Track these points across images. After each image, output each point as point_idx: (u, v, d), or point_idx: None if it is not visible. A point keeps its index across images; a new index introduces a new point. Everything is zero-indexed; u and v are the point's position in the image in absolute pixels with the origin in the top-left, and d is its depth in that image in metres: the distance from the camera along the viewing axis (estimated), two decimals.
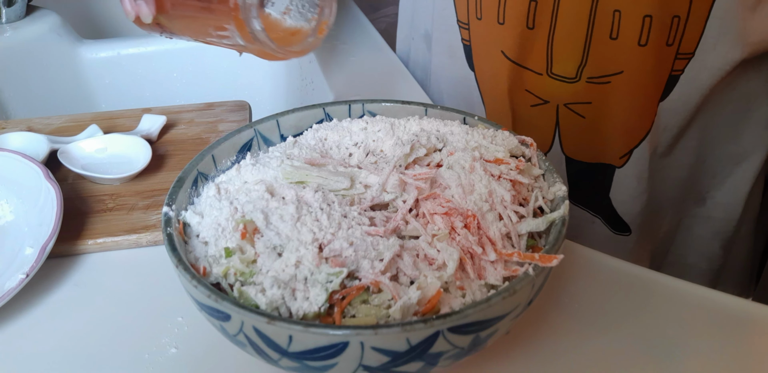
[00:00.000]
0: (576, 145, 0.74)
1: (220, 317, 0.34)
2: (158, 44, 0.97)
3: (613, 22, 0.61)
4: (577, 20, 0.63)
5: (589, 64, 0.65)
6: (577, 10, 0.62)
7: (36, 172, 0.54)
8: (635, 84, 0.65)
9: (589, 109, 0.69)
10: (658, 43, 0.62)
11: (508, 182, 0.41)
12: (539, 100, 0.71)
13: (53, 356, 0.44)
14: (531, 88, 0.70)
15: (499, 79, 0.72)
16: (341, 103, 0.50)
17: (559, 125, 0.72)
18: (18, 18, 0.90)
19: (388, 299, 0.35)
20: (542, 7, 0.64)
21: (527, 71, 0.69)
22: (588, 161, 0.74)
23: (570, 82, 0.67)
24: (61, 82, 0.94)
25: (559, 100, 0.70)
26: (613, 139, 0.70)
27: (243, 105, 0.73)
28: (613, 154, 0.72)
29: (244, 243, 0.37)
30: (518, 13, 0.65)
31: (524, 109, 0.73)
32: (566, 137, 0.73)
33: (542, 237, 0.40)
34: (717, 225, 0.77)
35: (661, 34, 0.61)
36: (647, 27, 0.60)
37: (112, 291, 0.49)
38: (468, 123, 0.48)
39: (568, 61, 0.66)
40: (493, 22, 0.68)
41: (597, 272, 0.50)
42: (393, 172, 0.41)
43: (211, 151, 0.45)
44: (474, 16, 0.70)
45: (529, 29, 0.65)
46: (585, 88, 0.67)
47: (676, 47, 0.62)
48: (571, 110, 0.70)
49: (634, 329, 0.45)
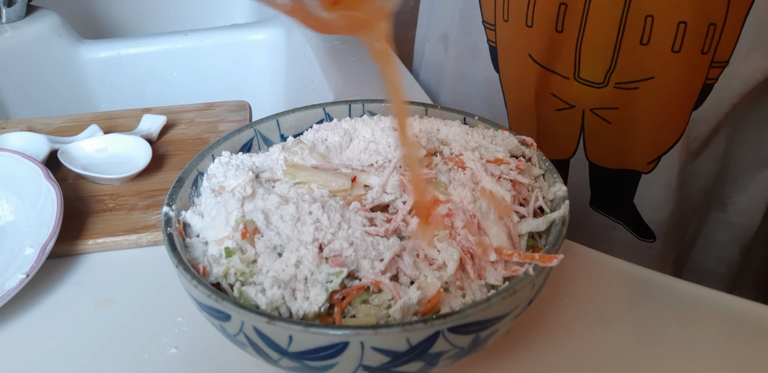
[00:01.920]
0: (601, 151, 0.72)
1: (220, 317, 0.34)
2: (158, 44, 0.97)
3: (644, 28, 0.60)
4: (607, 25, 0.62)
5: (617, 70, 0.64)
6: (608, 15, 0.61)
7: (36, 172, 0.54)
8: (666, 91, 0.64)
9: (615, 114, 0.68)
10: (693, 51, 0.60)
11: (509, 182, 0.41)
12: (565, 105, 0.70)
13: (53, 356, 0.44)
14: (557, 92, 0.69)
15: (525, 82, 0.70)
16: (341, 103, 0.50)
17: (584, 130, 0.71)
18: (18, 18, 0.90)
19: (388, 299, 0.35)
20: (572, 11, 0.62)
21: (554, 75, 0.68)
22: (613, 168, 0.73)
23: (597, 87, 0.66)
24: (61, 82, 0.94)
25: (585, 105, 0.69)
26: (641, 146, 0.69)
27: (243, 105, 0.73)
28: (640, 160, 0.70)
29: (244, 243, 0.37)
30: (547, 16, 0.64)
31: (549, 113, 0.72)
32: (591, 142, 0.72)
33: (542, 237, 0.40)
34: (737, 230, 0.76)
35: (696, 42, 0.60)
36: (681, 33, 0.59)
37: (112, 291, 0.49)
38: (468, 123, 0.48)
39: (597, 66, 0.65)
40: (521, 25, 0.67)
41: (597, 272, 0.50)
42: (393, 173, 0.41)
43: (211, 151, 0.45)
44: (501, 17, 0.69)
45: (558, 33, 0.64)
46: (612, 94, 0.66)
47: (711, 55, 0.61)
48: (597, 115, 0.69)
49: (635, 329, 0.45)
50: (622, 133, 0.69)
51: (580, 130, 0.71)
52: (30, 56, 0.90)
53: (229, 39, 1.00)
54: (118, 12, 1.18)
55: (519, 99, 0.73)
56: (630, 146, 0.70)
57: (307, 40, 0.89)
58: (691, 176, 0.72)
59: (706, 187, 0.73)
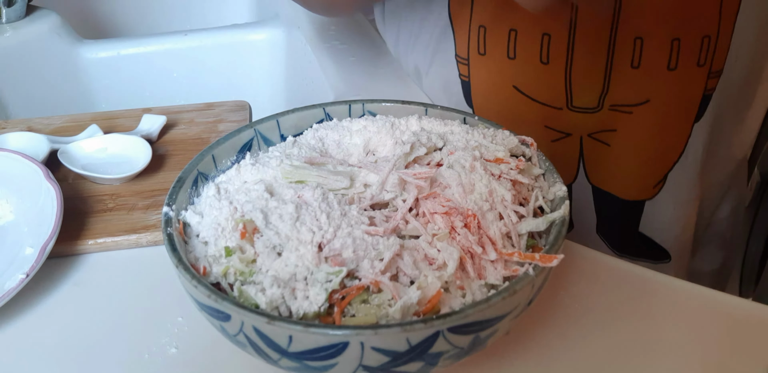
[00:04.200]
0: (603, 174, 0.69)
1: (220, 317, 0.34)
2: (158, 44, 0.97)
3: (634, 50, 0.59)
4: (595, 51, 0.60)
5: (611, 92, 0.62)
6: (595, 41, 0.59)
7: (36, 172, 0.53)
8: (665, 109, 0.62)
9: (614, 136, 0.65)
10: (689, 66, 0.59)
11: (509, 182, 0.41)
12: (561, 134, 0.67)
13: (53, 356, 0.44)
14: (550, 123, 0.66)
15: (510, 116, 0.67)
16: (341, 103, 0.50)
17: (583, 156, 0.68)
18: (18, 18, 0.90)
19: (388, 299, 0.35)
20: (556, 41, 0.60)
21: (545, 107, 0.65)
22: (617, 194, 0.70)
23: (592, 112, 0.64)
24: (61, 82, 0.94)
25: (582, 131, 0.66)
26: (645, 165, 0.67)
27: (243, 105, 0.73)
28: (646, 182, 0.68)
29: (243, 243, 0.37)
30: (530, 48, 0.61)
31: (544, 145, 0.67)
32: (591, 167, 0.69)
33: (542, 237, 0.40)
34: (719, 228, 0.76)
35: (691, 56, 0.58)
36: (676, 50, 0.58)
37: (112, 291, 0.49)
38: (468, 123, 0.48)
39: (589, 93, 0.63)
40: (501, 57, 0.64)
41: (597, 272, 0.50)
42: (393, 171, 0.41)
43: (211, 151, 0.45)
44: (475, 51, 0.66)
45: (544, 64, 0.62)
46: (609, 116, 0.64)
47: (708, 67, 0.59)
48: (595, 139, 0.66)
49: (635, 329, 0.45)
50: (623, 154, 0.66)
51: (579, 156, 0.69)
52: (30, 56, 0.90)
53: (229, 39, 1.00)
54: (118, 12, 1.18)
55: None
56: (634, 167, 0.67)
57: (307, 40, 0.89)
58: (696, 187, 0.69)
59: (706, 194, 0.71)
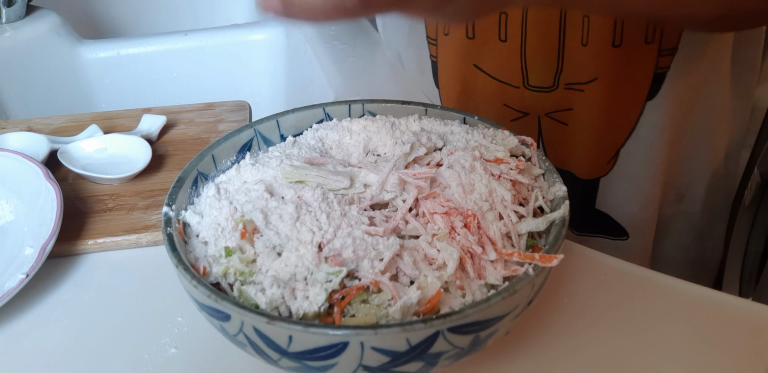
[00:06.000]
0: (562, 154, 0.72)
1: (220, 317, 0.34)
2: (158, 44, 0.97)
3: (583, 28, 0.60)
4: (548, 29, 0.61)
5: (564, 71, 0.64)
6: (547, 19, 0.61)
7: (36, 172, 0.54)
8: (614, 86, 0.63)
9: (571, 115, 0.67)
10: (635, 43, 0.60)
11: (509, 182, 0.41)
12: (519, 114, 0.69)
13: (53, 356, 0.44)
14: (509, 102, 0.69)
15: (472, 95, 0.69)
16: (341, 103, 0.50)
17: (542, 136, 0.71)
18: (18, 18, 0.90)
19: (388, 299, 0.35)
20: (512, 19, 0.62)
21: (503, 85, 0.67)
22: (574, 173, 0.72)
23: (548, 91, 0.66)
24: (61, 82, 0.94)
25: (539, 110, 0.68)
26: (599, 143, 0.69)
27: (243, 105, 0.73)
28: (600, 158, 0.70)
29: (243, 243, 0.37)
30: (488, 26, 0.63)
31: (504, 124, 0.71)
32: (551, 147, 0.71)
33: (542, 237, 0.40)
34: (693, 219, 0.77)
35: (637, 33, 0.59)
36: (620, 27, 0.59)
37: (112, 291, 0.49)
38: (468, 123, 0.48)
39: (544, 71, 0.64)
40: (461, 37, 0.66)
41: (597, 272, 0.50)
42: (393, 171, 0.41)
43: (211, 151, 0.45)
44: (441, 31, 0.68)
45: (502, 41, 0.64)
46: (564, 95, 0.66)
47: (657, 44, 0.60)
48: (553, 119, 0.68)
49: (635, 329, 0.45)
50: (579, 132, 0.68)
51: (539, 136, 0.71)
52: (30, 56, 0.89)
53: (229, 39, 1.00)
54: (118, 12, 1.18)
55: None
56: (589, 145, 0.69)
57: (307, 40, 0.89)
58: (653, 166, 0.71)
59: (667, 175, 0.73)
